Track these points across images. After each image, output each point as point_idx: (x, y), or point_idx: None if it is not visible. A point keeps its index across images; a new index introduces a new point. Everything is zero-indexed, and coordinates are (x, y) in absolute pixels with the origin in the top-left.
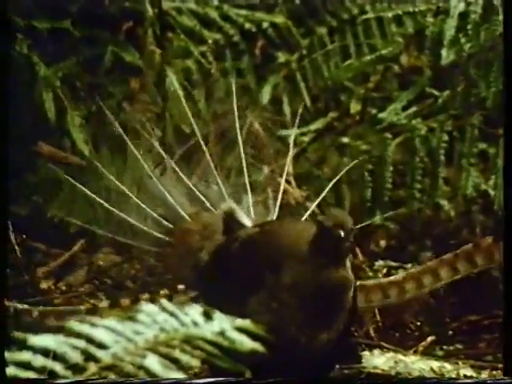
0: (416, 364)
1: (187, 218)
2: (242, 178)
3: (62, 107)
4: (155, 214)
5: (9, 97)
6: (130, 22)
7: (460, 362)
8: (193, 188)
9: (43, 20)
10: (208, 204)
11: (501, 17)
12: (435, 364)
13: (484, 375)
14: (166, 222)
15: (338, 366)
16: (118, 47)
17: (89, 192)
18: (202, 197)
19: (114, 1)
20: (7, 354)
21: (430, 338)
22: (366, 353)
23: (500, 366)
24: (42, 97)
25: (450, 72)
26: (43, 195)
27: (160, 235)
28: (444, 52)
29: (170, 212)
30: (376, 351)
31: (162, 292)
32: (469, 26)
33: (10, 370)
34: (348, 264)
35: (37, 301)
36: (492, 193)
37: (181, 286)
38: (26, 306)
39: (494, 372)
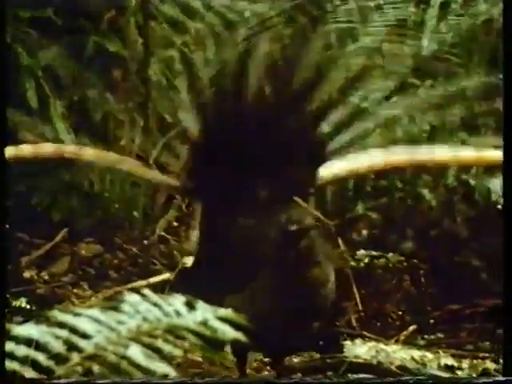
0: (397, 353)
1: None
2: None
3: (45, 96)
4: None
5: None
6: (112, 12)
7: (441, 351)
8: None
9: (26, 9)
10: None
11: (483, 6)
12: (417, 353)
13: (465, 364)
14: None
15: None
16: (100, 37)
17: None
18: None
19: None
20: None
21: (411, 328)
22: (348, 342)
23: (481, 354)
24: (25, 85)
25: (432, 60)
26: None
27: None
28: (425, 40)
29: None
30: (358, 341)
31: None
32: (451, 14)
33: None
34: (321, 259)
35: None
36: (473, 182)
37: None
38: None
39: (475, 361)
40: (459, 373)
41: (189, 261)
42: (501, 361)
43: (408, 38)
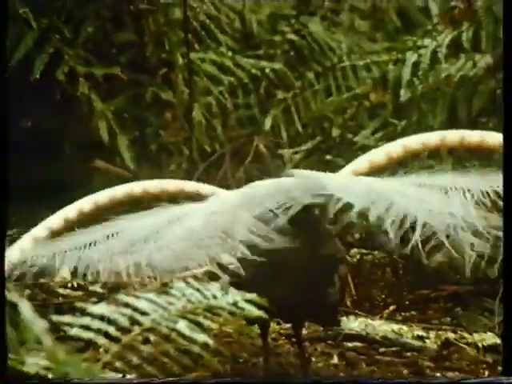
0: (381, 327)
1: None
2: None
3: (113, 132)
4: None
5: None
6: (165, 69)
7: (414, 325)
8: None
9: (98, 66)
10: None
11: (445, 65)
12: (395, 326)
13: (431, 335)
14: None
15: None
16: (156, 88)
17: None
18: None
19: (153, 52)
20: (71, 319)
21: (391, 307)
22: (344, 318)
23: (443, 327)
24: (98, 124)
25: (409, 106)
26: None
27: None
28: (403, 90)
29: None
30: (351, 317)
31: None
32: (420, 72)
33: (74, 331)
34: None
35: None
36: None
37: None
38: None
39: (439, 332)
40: (427, 341)
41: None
42: (459, 331)
43: (389, 89)
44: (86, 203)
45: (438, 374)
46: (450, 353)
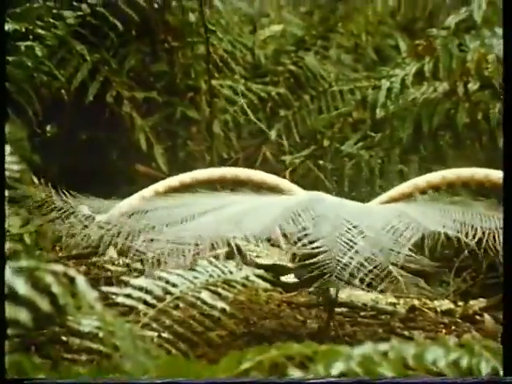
0: (362, 296)
1: None
2: None
3: (150, 143)
4: None
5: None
6: (192, 93)
7: (387, 294)
8: None
9: (139, 91)
10: None
11: (411, 90)
12: (373, 296)
13: (401, 301)
14: None
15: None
16: (184, 108)
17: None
18: None
19: (182, 80)
20: (117, 289)
21: None
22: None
23: (411, 295)
24: (139, 137)
25: (382, 122)
26: None
27: None
28: (378, 110)
29: None
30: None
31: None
32: (392, 95)
33: (119, 299)
34: None
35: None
36: None
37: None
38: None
39: (407, 299)
40: (397, 307)
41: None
42: (422, 299)
43: (368, 108)
44: (173, 180)
45: (406, 333)
46: (416, 316)
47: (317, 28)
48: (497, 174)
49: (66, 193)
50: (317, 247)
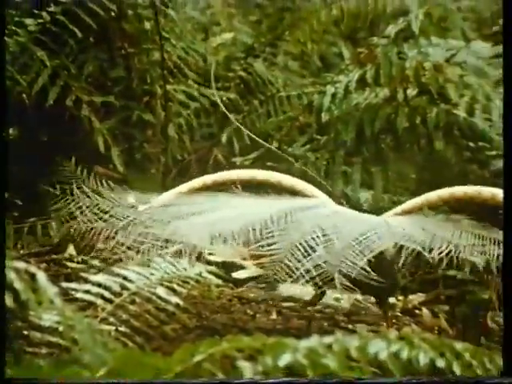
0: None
1: None
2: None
3: (108, 145)
4: None
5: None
6: (147, 97)
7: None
8: None
9: (97, 95)
10: None
11: (354, 95)
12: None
13: (345, 296)
14: None
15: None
16: (140, 111)
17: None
18: None
19: (138, 85)
20: (76, 285)
21: None
22: (282, 285)
23: (354, 293)
24: (97, 139)
25: (327, 126)
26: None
27: None
28: (323, 114)
29: None
30: (288, 284)
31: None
32: (337, 100)
33: (78, 295)
34: None
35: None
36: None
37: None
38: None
39: (351, 295)
40: (342, 301)
41: None
42: (367, 296)
43: (314, 113)
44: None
45: (350, 326)
46: (358, 310)
47: (265, 36)
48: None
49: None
50: (272, 249)
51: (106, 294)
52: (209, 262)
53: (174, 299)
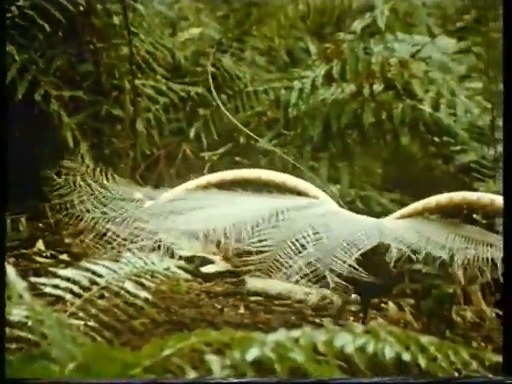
0: (277, 286)
1: None
2: (179, 181)
3: (77, 140)
4: None
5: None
6: (116, 92)
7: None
8: None
9: (66, 90)
10: None
11: (321, 91)
12: (288, 285)
13: (314, 291)
14: None
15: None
16: (109, 106)
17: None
18: None
19: (107, 79)
20: (45, 280)
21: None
22: (249, 279)
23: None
24: (66, 134)
25: (295, 121)
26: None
27: None
28: (291, 109)
29: None
30: (255, 278)
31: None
32: (304, 95)
33: (47, 289)
34: None
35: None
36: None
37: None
38: None
39: (319, 290)
40: (310, 296)
41: None
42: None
43: (281, 108)
44: (214, 177)
45: (317, 320)
46: (326, 304)
47: (233, 31)
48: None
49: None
50: (263, 246)
51: (75, 288)
52: (178, 257)
53: (143, 294)
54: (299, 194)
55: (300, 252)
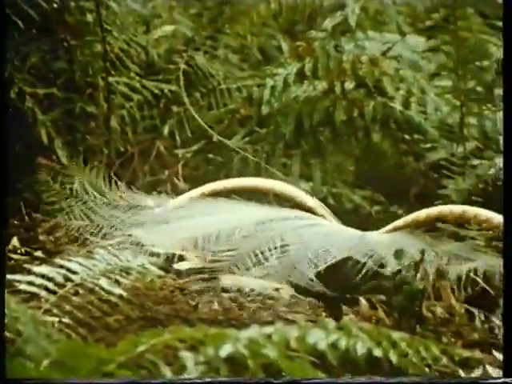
0: (249, 282)
1: None
2: (153, 177)
3: (51, 137)
4: None
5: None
6: (90, 89)
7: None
8: None
9: (40, 87)
10: None
11: (293, 88)
12: (260, 281)
13: (284, 287)
14: None
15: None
16: (83, 103)
17: None
18: None
19: (80, 77)
20: (19, 277)
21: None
22: (223, 276)
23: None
24: (40, 131)
25: (268, 118)
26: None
27: None
28: (263, 106)
29: None
30: (228, 275)
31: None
32: (276, 93)
33: (22, 286)
34: None
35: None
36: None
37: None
38: None
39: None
40: (281, 291)
41: None
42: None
43: (254, 105)
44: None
45: (290, 316)
46: (297, 301)
47: (206, 29)
48: (498, 219)
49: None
50: (227, 256)
51: (50, 285)
52: (152, 254)
53: (117, 290)
54: (307, 210)
55: (261, 263)
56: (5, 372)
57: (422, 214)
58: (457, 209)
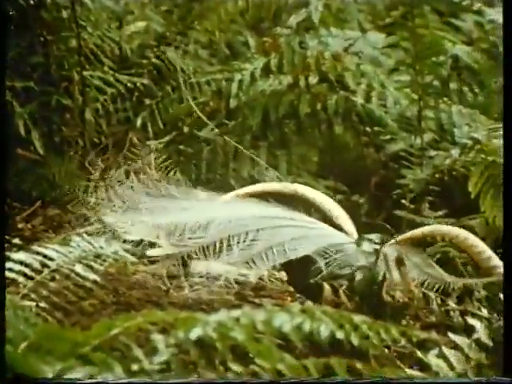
0: (218, 268)
1: None
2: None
3: (29, 128)
4: None
5: None
6: (66, 83)
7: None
8: None
9: (18, 81)
10: None
11: (260, 82)
12: (228, 267)
13: (252, 272)
14: None
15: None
16: (59, 96)
17: None
18: None
19: (56, 71)
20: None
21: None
22: (193, 261)
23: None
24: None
25: (236, 111)
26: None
27: None
28: (231, 100)
29: None
30: (197, 261)
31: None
32: (243, 87)
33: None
34: None
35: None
36: None
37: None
38: None
39: (258, 271)
40: (249, 276)
41: None
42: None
43: (222, 98)
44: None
45: (257, 300)
46: (264, 285)
47: (176, 25)
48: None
49: None
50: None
51: (27, 271)
52: (125, 241)
53: (92, 276)
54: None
55: (221, 254)
56: (5, 372)
57: (418, 232)
58: (445, 229)
